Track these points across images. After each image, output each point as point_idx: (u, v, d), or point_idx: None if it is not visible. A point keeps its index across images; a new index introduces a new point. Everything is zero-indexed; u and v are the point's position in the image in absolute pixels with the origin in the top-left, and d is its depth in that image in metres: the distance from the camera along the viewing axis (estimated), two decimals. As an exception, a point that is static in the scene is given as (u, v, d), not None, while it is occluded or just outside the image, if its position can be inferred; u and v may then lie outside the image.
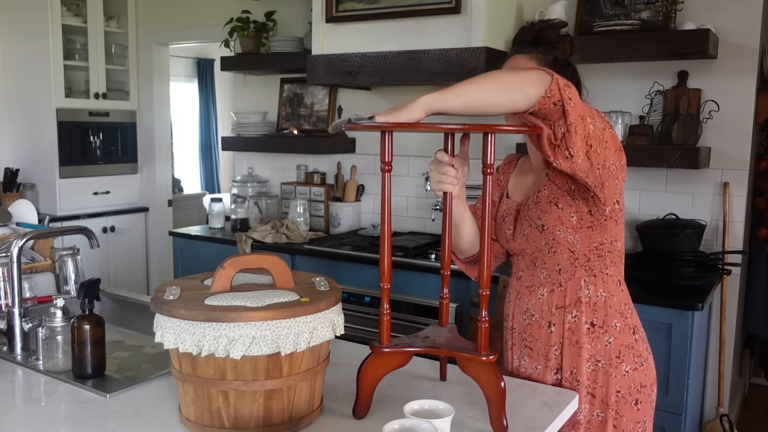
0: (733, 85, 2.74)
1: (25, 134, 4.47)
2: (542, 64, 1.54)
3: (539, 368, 1.58)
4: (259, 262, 1.29)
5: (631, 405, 1.54)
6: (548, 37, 1.59)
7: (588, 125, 1.33)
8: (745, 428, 3.35)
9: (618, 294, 1.56)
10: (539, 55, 1.58)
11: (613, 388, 1.52)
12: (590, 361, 1.53)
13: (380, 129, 1.24)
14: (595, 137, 1.35)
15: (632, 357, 1.54)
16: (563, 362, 1.54)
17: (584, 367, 1.53)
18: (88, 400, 1.40)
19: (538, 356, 1.58)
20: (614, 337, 1.53)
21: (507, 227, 1.65)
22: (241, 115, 3.95)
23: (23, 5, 4.32)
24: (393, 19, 2.93)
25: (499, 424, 1.27)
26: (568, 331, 1.54)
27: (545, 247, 1.56)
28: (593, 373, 1.53)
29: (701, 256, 2.60)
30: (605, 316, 1.53)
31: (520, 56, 1.60)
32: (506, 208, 1.68)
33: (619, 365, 1.53)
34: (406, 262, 2.90)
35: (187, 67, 7.39)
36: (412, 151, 3.45)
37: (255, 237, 3.35)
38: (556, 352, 1.56)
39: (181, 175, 7.12)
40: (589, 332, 1.53)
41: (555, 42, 1.59)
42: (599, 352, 1.53)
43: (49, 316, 1.65)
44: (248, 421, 1.21)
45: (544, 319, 1.57)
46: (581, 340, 1.53)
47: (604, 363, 1.52)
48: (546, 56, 1.58)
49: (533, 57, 1.58)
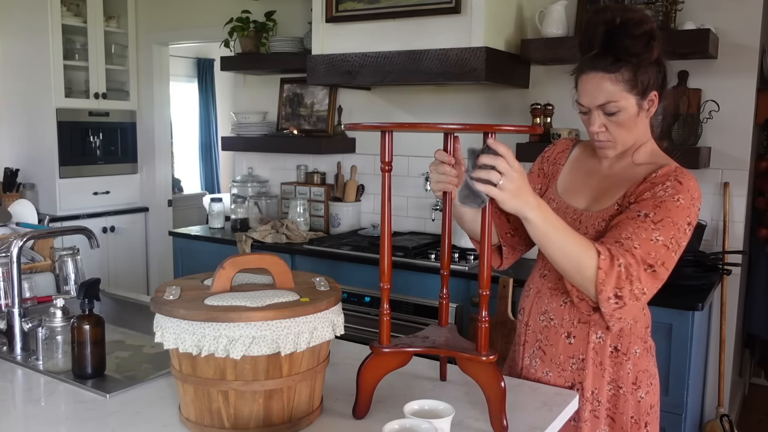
0: (733, 85, 2.74)
1: (25, 134, 4.47)
2: (630, 88, 1.39)
3: (550, 374, 1.55)
4: (259, 262, 1.29)
5: (642, 427, 1.52)
6: (629, 48, 1.36)
7: (646, 282, 1.33)
8: (745, 428, 3.34)
9: (641, 319, 1.53)
10: (626, 74, 1.38)
11: (629, 414, 1.51)
12: (611, 385, 1.51)
13: (380, 129, 1.24)
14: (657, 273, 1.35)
15: (647, 380, 1.52)
16: (586, 381, 1.50)
17: (605, 389, 1.50)
18: (88, 400, 1.40)
19: (551, 363, 1.54)
20: (634, 363, 1.50)
21: None
22: (241, 115, 3.95)
23: (23, 5, 4.32)
24: (393, 19, 2.93)
25: (499, 424, 1.27)
26: (592, 351, 1.50)
27: None
28: (614, 398, 1.51)
29: (701, 256, 2.59)
30: (629, 343, 1.50)
31: (601, 76, 1.40)
32: (555, 208, 1.53)
33: (635, 392, 1.51)
34: (406, 262, 2.90)
35: (187, 67, 7.39)
36: (412, 151, 3.45)
37: (255, 237, 3.35)
38: (573, 366, 1.52)
39: (181, 175, 7.12)
40: (612, 356, 1.50)
41: (640, 53, 1.37)
42: (621, 378, 1.50)
43: (49, 316, 1.65)
44: (248, 421, 1.21)
45: (563, 328, 1.52)
46: (605, 363, 1.50)
47: (625, 390, 1.50)
48: (633, 75, 1.39)
49: (619, 80, 1.39)
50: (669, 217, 1.35)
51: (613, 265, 1.29)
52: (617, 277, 1.29)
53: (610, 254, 1.30)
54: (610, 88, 1.40)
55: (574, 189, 1.57)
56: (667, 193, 1.38)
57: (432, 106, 3.43)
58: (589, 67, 1.41)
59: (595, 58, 1.40)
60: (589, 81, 1.42)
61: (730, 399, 2.96)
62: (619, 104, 1.41)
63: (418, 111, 3.47)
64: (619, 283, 1.30)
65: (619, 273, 1.30)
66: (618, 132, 1.45)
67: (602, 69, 1.39)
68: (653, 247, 1.33)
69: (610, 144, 1.48)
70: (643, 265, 1.32)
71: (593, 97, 1.42)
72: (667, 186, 1.39)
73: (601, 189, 1.52)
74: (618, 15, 1.37)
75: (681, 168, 1.44)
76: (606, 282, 1.29)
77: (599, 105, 1.42)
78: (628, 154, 1.51)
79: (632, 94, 1.41)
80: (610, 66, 1.38)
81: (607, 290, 1.30)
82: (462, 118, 3.33)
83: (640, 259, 1.32)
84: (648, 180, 1.43)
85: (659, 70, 1.43)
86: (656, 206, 1.36)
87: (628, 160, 1.51)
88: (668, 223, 1.35)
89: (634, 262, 1.31)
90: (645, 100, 1.43)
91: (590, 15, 1.43)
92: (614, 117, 1.43)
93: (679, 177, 1.40)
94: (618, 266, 1.30)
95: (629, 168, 1.50)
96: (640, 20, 1.37)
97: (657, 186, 1.40)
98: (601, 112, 1.43)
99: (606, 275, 1.29)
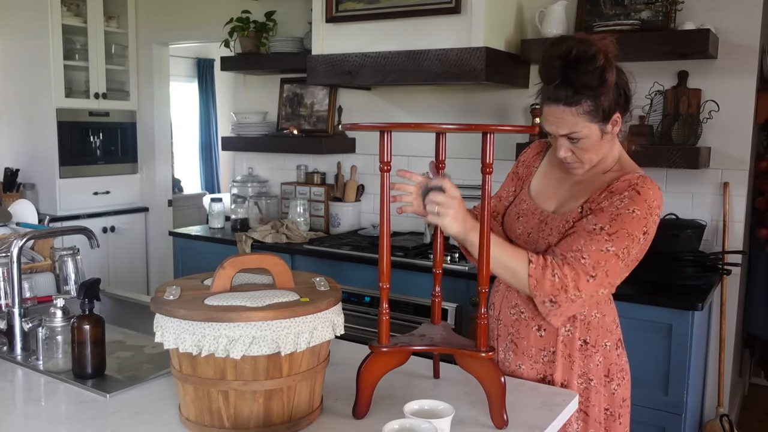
0: (733, 85, 2.74)
1: (25, 134, 4.47)
2: (591, 118, 1.43)
3: (523, 367, 1.59)
4: (259, 262, 1.29)
5: (616, 419, 1.57)
6: (585, 82, 1.40)
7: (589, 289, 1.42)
8: (745, 428, 3.34)
9: (609, 312, 1.58)
10: (586, 105, 1.42)
11: (602, 406, 1.55)
12: (582, 378, 1.55)
13: (379, 129, 1.24)
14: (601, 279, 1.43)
15: (617, 373, 1.57)
16: (556, 373, 1.55)
17: (575, 382, 1.54)
18: (88, 400, 1.41)
19: (524, 356, 1.59)
20: (604, 356, 1.55)
21: (518, 227, 1.62)
22: (241, 115, 3.95)
23: (23, 5, 4.32)
24: (393, 19, 2.93)
25: (499, 418, 1.28)
26: (561, 344, 1.55)
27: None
28: (585, 391, 1.54)
29: (701, 256, 2.59)
30: (597, 336, 1.54)
31: (563, 110, 1.44)
32: (525, 208, 1.62)
33: (608, 384, 1.55)
34: (405, 262, 2.90)
35: (187, 67, 7.38)
36: (411, 151, 3.45)
37: (255, 237, 3.35)
38: (544, 358, 1.57)
39: (181, 175, 7.11)
40: (582, 349, 1.55)
41: (596, 87, 1.41)
42: (591, 370, 1.54)
43: (49, 316, 1.65)
44: (248, 421, 1.21)
45: (534, 321, 1.57)
46: (573, 355, 1.54)
47: (596, 382, 1.55)
48: (594, 105, 1.43)
49: (579, 112, 1.43)
50: (624, 228, 1.43)
51: (545, 274, 1.40)
52: (551, 286, 1.41)
53: (544, 263, 1.41)
54: (571, 120, 1.45)
55: (546, 193, 1.63)
56: (624, 204, 1.44)
57: (432, 106, 3.43)
58: (552, 99, 1.46)
59: (556, 90, 1.44)
60: (551, 113, 1.47)
61: (730, 399, 2.96)
62: (582, 133, 1.47)
63: (418, 111, 3.47)
64: (554, 291, 1.41)
65: (552, 282, 1.41)
66: (584, 155, 1.52)
67: (563, 102, 1.44)
68: (602, 257, 1.42)
69: (577, 165, 1.55)
70: (585, 276, 1.40)
71: (557, 128, 1.48)
72: (624, 197, 1.45)
73: (570, 194, 1.58)
74: (574, 48, 1.41)
75: (643, 177, 1.49)
76: (538, 288, 1.41)
77: (563, 135, 1.48)
78: (596, 165, 1.57)
79: (594, 122, 1.46)
80: (570, 99, 1.43)
81: (541, 295, 1.42)
82: (462, 118, 3.33)
83: (582, 272, 1.41)
84: (609, 188, 1.49)
85: (619, 93, 1.47)
86: (612, 219, 1.43)
87: (596, 170, 1.57)
88: (623, 235, 1.42)
89: (573, 275, 1.41)
90: (608, 123, 1.48)
91: (547, 48, 1.47)
92: (578, 143, 1.49)
93: (638, 187, 1.46)
94: (552, 276, 1.40)
95: (596, 176, 1.56)
96: (593, 56, 1.40)
97: (615, 196, 1.46)
98: (566, 138, 1.49)
99: (537, 282, 1.41)
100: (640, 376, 2.40)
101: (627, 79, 1.51)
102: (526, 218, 1.61)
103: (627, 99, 1.50)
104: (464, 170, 3.06)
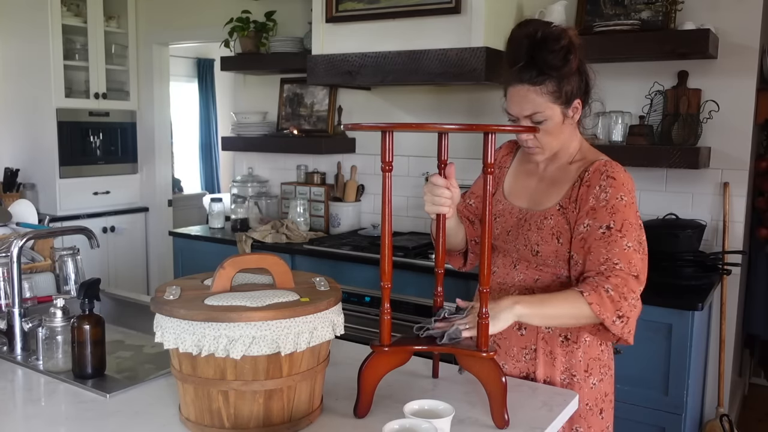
0: (733, 85, 2.74)
1: (25, 134, 4.47)
2: (555, 99, 1.48)
3: (506, 367, 1.60)
4: (259, 262, 1.29)
5: (597, 414, 1.58)
6: (549, 62, 1.46)
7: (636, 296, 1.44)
8: (745, 428, 3.34)
9: None
10: (550, 86, 1.47)
11: (583, 401, 1.56)
12: (565, 374, 1.56)
13: (381, 129, 1.24)
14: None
15: (599, 369, 1.58)
16: (537, 370, 1.57)
17: (558, 377, 1.56)
18: (88, 400, 1.40)
19: (506, 355, 1.61)
20: (584, 351, 1.56)
21: (496, 227, 1.64)
22: (241, 115, 3.95)
23: (23, 5, 4.32)
24: (393, 19, 2.93)
25: (500, 418, 1.28)
26: (542, 341, 1.57)
27: (532, 261, 1.57)
28: (568, 386, 1.56)
29: (701, 256, 2.60)
30: (578, 331, 1.55)
31: (527, 89, 1.48)
32: (501, 209, 1.66)
33: (587, 378, 1.57)
34: (406, 262, 2.90)
35: (187, 67, 7.38)
36: (412, 151, 3.45)
37: (255, 237, 3.35)
38: (526, 356, 1.58)
39: (181, 175, 7.12)
40: (563, 345, 1.56)
41: (559, 67, 1.47)
42: (573, 366, 1.56)
43: (49, 316, 1.65)
44: (248, 421, 1.21)
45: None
46: (555, 351, 1.56)
47: (579, 378, 1.56)
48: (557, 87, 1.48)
49: (543, 92, 1.48)
50: (625, 219, 1.46)
51: (600, 294, 1.40)
52: (611, 302, 1.40)
53: (593, 286, 1.41)
54: (536, 99, 1.49)
55: (517, 190, 1.67)
56: (608, 194, 1.47)
57: (432, 106, 3.43)
58: (516, 79, 1.50)
59: (521, 71, 1.48)
60: (516, 93, 1.51)
61: (730, 399, 2.96)
62: (545, 114, 1.50)
63: (418, 111, 3.47)
64: (616, 305, 1.40)
65: (611, 297, 1.40)
66: (545, 139, 1.55)
67: (528, 81, 1.48)
68: (629, 255, 1.44)
69: (538, 150, 1.58)
70: (629, 277, 1.42)
71: (521, 108, 1.51)
72: (603, 186, 1.48)
73: (540, 189, 1.62)
74: (540, 29, 1.47)
75: (609, 161, 1.53)
76: (603, 310, 1.40)
77: (526, 115, 1.51)
78: (559, 156, 1.60)
79: (557, 104, 1.50)
80: (535, 79, 1.47)
81: (609, 316, 1.40)
82: (462, 118, 3.33)
83: (625, 275, 1.42)
84: (584, 182, 1.51)
85: (581, 79, 1.53)
86: (611, 213, 1.46)
87: (560, 161, 1.60)
88: (628, 226, 1.45)
89: (620, 281, 1.41)
90: (569, 108, 1.52)
91: (514, 29, 1.53)
92: (541, 125, 1.51)
93: (609, 172, 1.49)
94: (607, 292, 1.40)
95: (563, 168, 1.59)
96: (558, 35, 1.46)
97: (594, 188, 1.49)
98: (528, 120, 1.52)
99: (600, 305, 1.40)
100: (640, 376, 2.40)
101: (589, 72, 1.56)
102: (503, 218, 1.64)
103: (588, 88, 1.55)
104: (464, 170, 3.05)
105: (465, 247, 1.74)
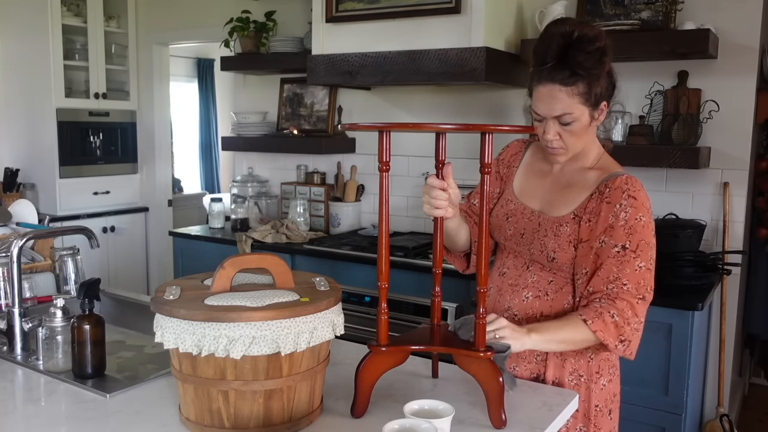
0: (733, 85, 2.74)
1: (25, 134, 4.47)
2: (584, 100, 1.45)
3: (517, 369, 1.60)
4: (259, 262, 1.29)
5: (606, 415, 1.58)
6: (583, 63, 1.41)
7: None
8: (745, 428, 3.34)
9: None
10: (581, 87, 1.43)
11: (593, 402, 1.56)
12: (573, 375, 1.56)
13: (378, 129, 1.24)
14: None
15: (608, 369, 1.58)
16: (547, 372, 1.57)
17: (567, 379, 1.56)
18: (88, 400, 1.41)
19: (518, 357, 1.59)
20: (594, 352, 1.55)
21: (508, 228, 1.62)
22: (241, 115, 3.95)
23: (23, 5, 4.32)
24: (393, 19, 2.93)
25: (497, 418, 1.28)
26: None
27: (546, 265, 1.55)
28: (576, 387, 1.56)
29: (701, 256, 2.59)
30: None
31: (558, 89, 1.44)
32: (513, 209, 1.63)
33: (598, 380, 1.56)
34: (405, 262, 2.90)
35: (187, 67, 7.38)
36: (411, 151, 3.45)
37: (255, 237, 3.35)
38: (537, 358, 1.58)
39: (181, 175, 7.11)
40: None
41: (593, 69, 1.42)
42: (581, 367, 1.56)
43: (49, 316, 1.65)
44: (248, 421, 1.21)
45: (527, 323, 1.56)
46: (565, 354, 1.55)
47: (586, 378, 1.56)
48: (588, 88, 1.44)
49: (574, 93, 1.44)
50: (642, 239, 1.46)
51: (605, 321, 1.42)
52: (615, 327, 1.43)
53: (597, 312, 1.43)
54: (566, 100, 1.45)
55: (529, 191, 1.64)
56: (628, 214, 1.46)
57: (432, 106, 3.43)
58: (547, 78, 1.46)
59: (552, 70, 1.44)
60: (546, 92, 1.47)
61: (730, 399, 2.96)
62: (574, 115, 1.47)
63: (418, 111, 3.47)
64: (619, 330, 1.43)
65: (615, 323, 1.43)
66: (571, 140, 1.52)
67: (559, 81, 1.44)
68: (640, 276, 1.45)
69: (562, 151, 1.55)
70: (635, 301, 1.43)
71: (550, 108, 1.48)
72: (625, 206, 1.46)
73: (554, 191, 1.59)
74: (576, 29, 1.43)
75: (630, 177, 1.51)
76: (606, 336, 1.43)
77: (555, 116, 1.48)
78: (578, 159, 1.58)
79: (586, 105, 1.47)
80: (567, 79, 1.43)
81: (612, 341, 1.43)
82: (462, 118, 3.33)
83: (631, 298, 1.44)
84: (603, 197, 1.49)
85: (610, 82, 1.50)
86: (629, 234, 1.45)
87: (578, 164, 1.58)
88: (643, 246, 1.46)
89: (626, 304, 1.43)
90: (597, 110, 1.50)
91: (549, 26, 1.49)
92: (569, 126, 1.49)
93: (631, 191, 1.47)
94: (611, 317, 1.42)
95: (579, 172, 1.57)
96: (594, 36, 1.43)
97: (614, 206, 1.47)
98: (556, 121, 1.49)
99: (604, 331, 1.42)
100: (640, 376, 2.40)
101: (615, 74, 1.53)
102: (515, 218, 1.61)
103: (614, 89, 1.53)
104: (463, 170, 3.06)
105: (468, 248, 1.71)
